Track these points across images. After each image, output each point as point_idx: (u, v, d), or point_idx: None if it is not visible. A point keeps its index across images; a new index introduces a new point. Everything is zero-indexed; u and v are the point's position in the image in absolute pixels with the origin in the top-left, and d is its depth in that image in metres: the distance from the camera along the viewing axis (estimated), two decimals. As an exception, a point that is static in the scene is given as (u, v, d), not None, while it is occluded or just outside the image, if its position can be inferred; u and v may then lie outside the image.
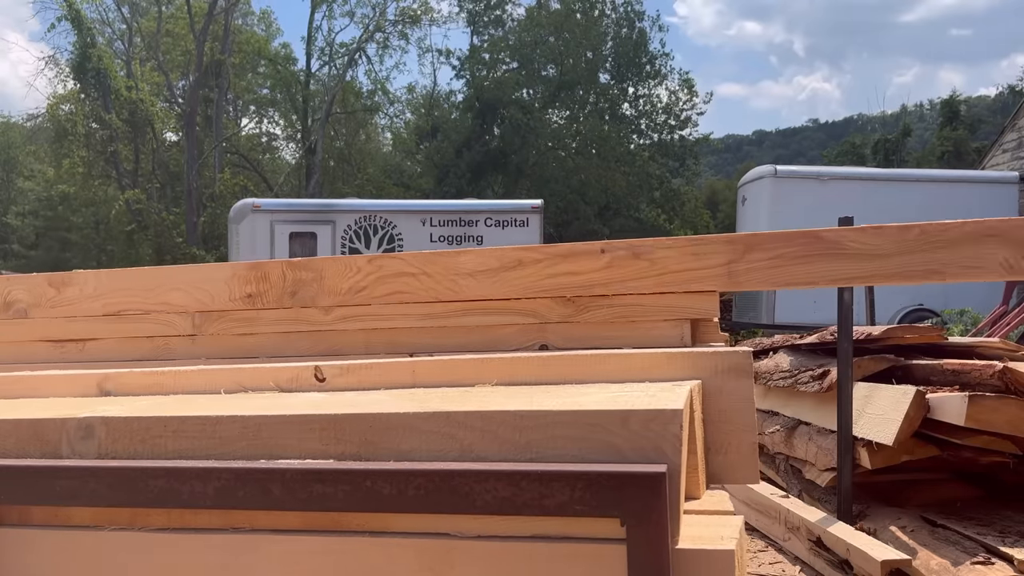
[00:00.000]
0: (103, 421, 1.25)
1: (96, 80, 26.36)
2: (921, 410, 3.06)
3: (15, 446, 1.27)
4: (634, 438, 1.05)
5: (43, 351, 2.33)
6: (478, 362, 1.48)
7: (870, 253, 1.79)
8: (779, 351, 4.53)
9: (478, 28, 29.98)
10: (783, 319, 12.90)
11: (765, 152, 65.63)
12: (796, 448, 3.91)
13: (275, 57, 30.64)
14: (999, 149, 16.22)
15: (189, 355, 2.22)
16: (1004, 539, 2.75)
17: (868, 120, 44.13)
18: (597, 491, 1.01)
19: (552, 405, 1.12)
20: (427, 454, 1.12)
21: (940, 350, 3.79)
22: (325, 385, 1.52)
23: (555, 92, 28.89)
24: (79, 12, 26.31)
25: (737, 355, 1.31)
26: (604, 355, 1.43)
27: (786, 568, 3.30)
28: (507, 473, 1.05)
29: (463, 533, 1.09)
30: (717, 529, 1.14)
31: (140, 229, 25.41)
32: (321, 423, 1.17)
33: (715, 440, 1.29)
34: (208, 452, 1.20)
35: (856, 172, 15.73)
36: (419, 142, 29.89)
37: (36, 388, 1.67)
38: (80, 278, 2.34)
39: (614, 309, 1.98)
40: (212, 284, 2.21)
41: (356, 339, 2.12)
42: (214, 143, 28.39)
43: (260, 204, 14.62)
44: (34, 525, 1.26)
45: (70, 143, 27.67)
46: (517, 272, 2.02)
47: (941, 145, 28.68)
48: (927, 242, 1.76)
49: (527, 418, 1.10)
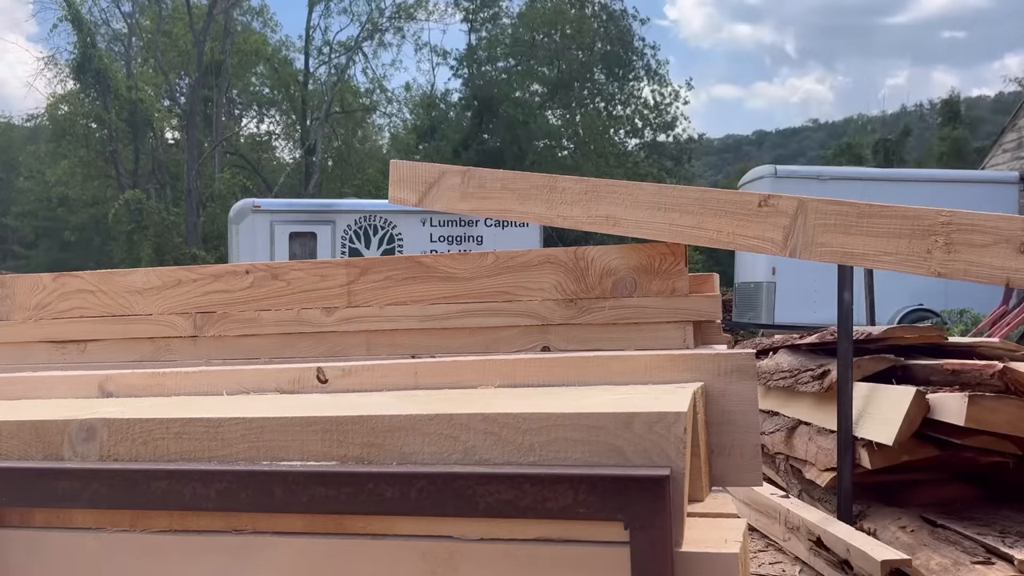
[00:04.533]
0: (105, 422, 1.25)
1: (96, 80, 26.36)
2: (921, 410, 3.06)
3: (17, 447, 1.27)
4: (637, 441, 1.05)
5: (44, 352, 2.33)
6: (480, 364, 1.48)
7: (458, 276, 2.10)
8: (779, 351, 4.53)
9: (475, 26, 30.01)
10: (783, 319, 12.92)
11: (765, 152, 65.67)
12: (796, 448, 3.91)
13: (273, 56, 30.61)
14: (999, 149, 16.22)
15: (190, 356, 2.22)
16: (1004, 539, 2.75)
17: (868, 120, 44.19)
18: (600, 494, 1.01)
19: (555, 407, 1.12)
20: (430, 456, 1.12)
21: (940, 350, 3.79)
22: (327, 387, 1.52)
23: (552, 90, 28.91)
24: (79, 13, 26.31)
25: (740, 357, 1.31)
26: (606, 357, 1.42)
27: (786, 568, 3.30)
28: (510, 476, 1.05)
29: (466, 536, 1.09)
30: (720, 532, 1.14)
31: (140, 229, 25.40)
32: (323, 425, 1.17)
33: (718, 442, 1.29)
34: (210, 454, 1.20)
35: (856, 172, 15.76)
36: (418, 142, 29.90)
37: (37, 389, 1.67)
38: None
39: (616, 311, 1.98)
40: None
41: (357, 340, 2.13)
42: (214, 143, 28.38)
43: (260, 204, 14.62)
44: (36, 527, 1.26)
45: (68, 143, 27.66)
46: (177, 290, 2.26)
47: (941, 145, 28.71)
48: (499, 267, 2.07)
49: (530, 420, 1.10)
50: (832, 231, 1.71)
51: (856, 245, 1.70)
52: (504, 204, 2.13)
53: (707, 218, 1.85)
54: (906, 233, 1.66)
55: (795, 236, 1.74)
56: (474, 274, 2.11)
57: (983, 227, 1.61)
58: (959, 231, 1.62)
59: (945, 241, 1.63)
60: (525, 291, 2.06)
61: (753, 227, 1.79)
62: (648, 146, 30.59)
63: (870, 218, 1.68)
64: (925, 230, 1.64)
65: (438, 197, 2.24)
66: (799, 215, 1.73)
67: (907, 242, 1.65)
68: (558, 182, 2.06)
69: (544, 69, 29.34)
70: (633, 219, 1.94)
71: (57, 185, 29.03)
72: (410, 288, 2.14)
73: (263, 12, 32.28)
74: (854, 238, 1.69)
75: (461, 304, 2.09)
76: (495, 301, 2.07)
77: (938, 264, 1.63)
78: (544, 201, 2.06)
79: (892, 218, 1.67)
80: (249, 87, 32.38)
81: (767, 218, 1.78)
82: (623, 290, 2.00)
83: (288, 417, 1.19)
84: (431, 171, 2.27)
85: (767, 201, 1.78)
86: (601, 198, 1.99)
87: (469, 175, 2.19)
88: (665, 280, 1.98)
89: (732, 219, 1.82)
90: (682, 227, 1.88)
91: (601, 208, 1.98)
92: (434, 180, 2.25)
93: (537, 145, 28.57)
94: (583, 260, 2.04)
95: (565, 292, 2.03)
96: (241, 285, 2.23)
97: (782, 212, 1.75)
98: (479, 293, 2.09)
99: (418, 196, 2.27)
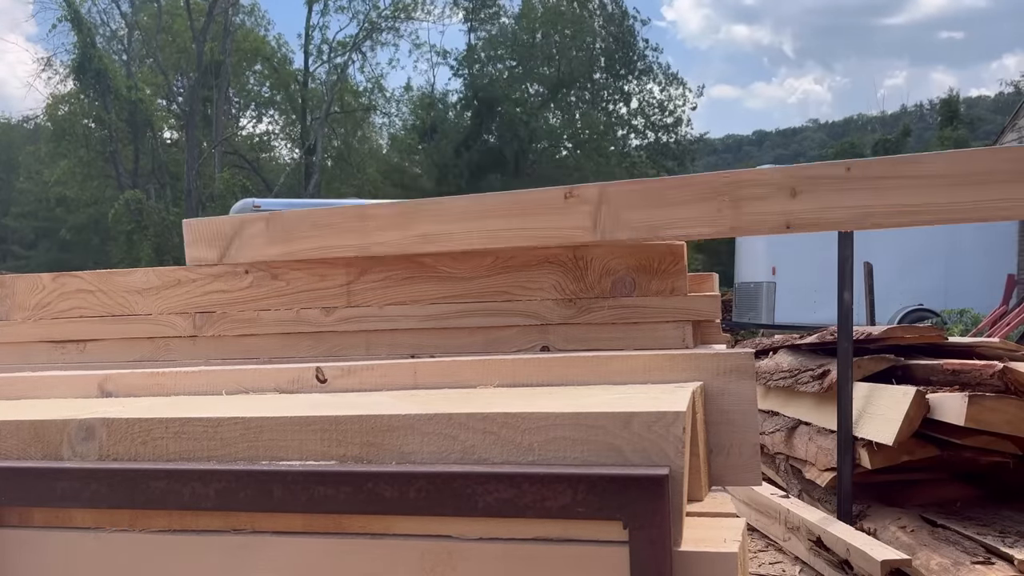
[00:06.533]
0: (104, 422, 1.24)
1: (96, 80, 26.36)
2: (921, 410, 3.06)
3: (16, 447, 1.27)
4: (636, 440, 1.05)
5: (44, 352, 2.33)
6: (480, 363, 1.48)
7: (457, 276, 2.09)
8: (779, 351, 4.54)
9: (474, 26, 30.02)
10: (783, 319, 12.93)
11: (765, 152, 65.68)
12: (796, 448, 3.91)
13: (272, 55, 30.60)
14: (999, 149, 16.19)
15: (190, 356, 2.23)
16: (1004, 539, 2.76)
17: (868, 120, 44.18)
18: (599, 494, 1.01)
19: (554, 407, 1.12)
20: (429, 456, 1.12)
21: (940, 350, 3.79)
22: (327, 386, 1.52)
23: (553, 90, 28.92)
24: (79, 13, 26.31)
25: (739, 356, 1.31)
26: (606, 356, 1.42)
27: (786, 568, 3.30)
28: (509, 475, 1.05)
29: (465, 535, 1.09)
30: (719, 532, 1.14)
31: (140, 229, 25.40)
32: (323, 424, 1.17)
33: (717, 442, 1.29)
34: (209, 453, 1.20)
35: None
36: (418, 141, 29.91)
37: (37, 389, 1.66)
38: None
39: (615, 311, 1.98)
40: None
41: (357, 340, 2.13)
42: (213, 143, 28.38)
43: (261, 204, 14.57)
44: (35, 527, 1.26)
45: (68, 143, 27.66)
46: (177, 290, 2.25)
47: (941, 145, 28.72)
48: (498, 267, 2.06)
49: (529, 420, 1.10)
50: (634, 209, 1.87)
51: (658, 217, 1.85)
52: (319, 242, 2.11)
53: (522, 219, 1.95)
54: (698, 198, 1.81)
55: (603, 220, 1.89)
56: (473, 274, 2.10)
57: (758, 180, 1.77)
58: (740, 187, 1.79)
59: (731, 199, 1.79)
60: (524, 291, 2.06)
61: (565, 219, 1.91)
62: (650, 146, 30.59)
63: (665, 191, 1.85)
64: (714, 192, 1.80)
65: (242, 248, 2.18)
66: (603, 201, 1.88)
67: (699, 206, 1.81)
68: (367, 210, 2.08)
69: (544, 69, 29.35)
70: (447, 232, 2.01)
71: (56, 185, 29.03)
72: (409, 288, 2.14)
73: (254, 11, 32.20)
74: (654, 211, 1.85)
75: (460, 304, 2.09)
76: (494, 301, 2.07)
77: (729, 220, 1.79)
78: (358, 232, 2.06)
79: (684, 187, 1.84)
80: (246, 86, 32.35)
81: (575, 208, 1.90)
82: (622, 290, 2.00)
83: (287, 417, 1.19)
84: (229, 224, 2.20)
85: (572, 193, 1.91)
86: (412, 218, 2.03)
87: (273, 221, 2.15)
88: (664, 280, 1.98)
89: (544, 215, 1.93)
90: (499, 230, 1.97)
91: (416, 227, 2.03)
92: (234, 233, 2.19)
93: (537, 145, 28.57)
94: (582, 260, 2.04)
95: (564, 292, 2.04)
96: (240, 285, 2.23)
97: (587, 200, 1.90)
98: (478, 293, 2.09)
99: (219, 252, 2.20)
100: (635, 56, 29.70)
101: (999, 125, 18.56)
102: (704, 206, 1.80)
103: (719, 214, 1.79)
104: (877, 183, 1.71)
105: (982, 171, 1.68)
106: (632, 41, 29.63)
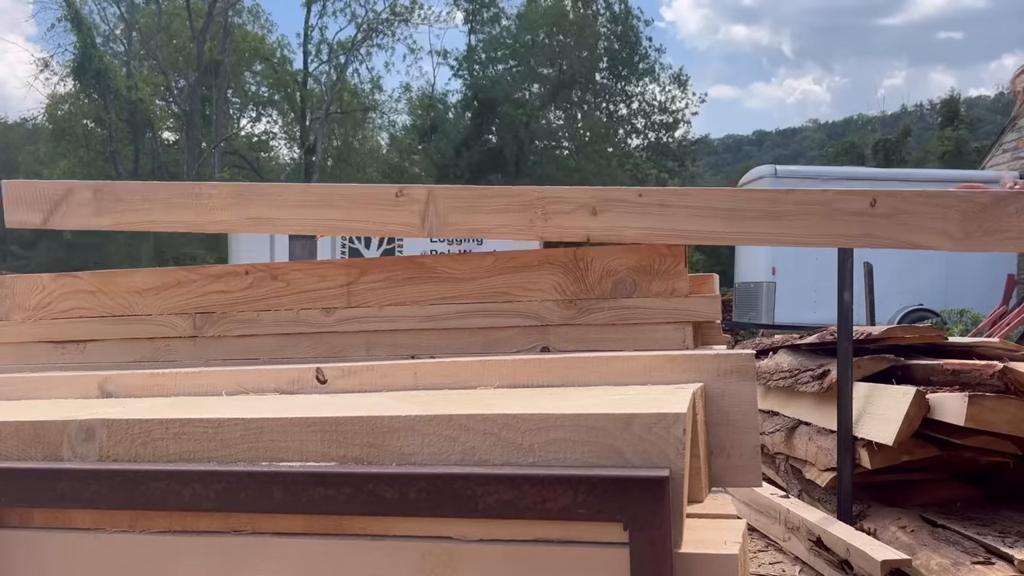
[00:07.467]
0: (104, 423, 1.24)
1: (96, 80, 26.35)
2: (921, 410, 3.06)
3: (16, 448, 1.27)
4: (637, 442, 1.05)
5: (44, 352, 2.33)
6: (480, 364, 1.48)
7: (457, 277, 2.15)
8: (779, 351, 4.54)
9: (475, 27, 30.00)
10: (783, 319, 12.93)
11: (765, 152, 65.62)
12: (796, 448, 3.91)
13: (271, 55, 30.59)
14: (999, 149, 16.21)
15: (190, 356, 2.22)
16: (1004, 539, 2.76)
17: (868, 120, 44.18)
18: (600, 495, 1.01)
19: (554, 408, 1.12)
20: (429, 457, 1.12)
21: (940, 350, 3.79)
22: (327, 387, 1.52)
23: (554, 91, 28.91)
24: (79, 12, 26.29)
25: (740, 358, 1.31)
26: (606, 357, 1.42)
27: (786, 568, 3.30)
28: (509, 477, 1.05)
29: (465, 537, 1.09)
30: (720, 533, 1.14)
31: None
32: (323, 425, 1.17)
33: (718, 443, 1.29)
34: (210, 454, 1.20)
35: (856, 172, 15.76)
36: (418, 141, 29.91)
37: (37, 389, 1.66)
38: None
39: (616, 312, 1.98)
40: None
41: (357, 341, 2.13)
42: (213, 143, 28.38)
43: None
44: (35, 527, 1.25)
45: (68, 143, 27.64)
46: (177, 290, 2.28)
47: (941, 145, 28.70)
48: (498, 268, 2.13)
49: (529, 421, 1.10)
50: (458, 212, 2.00)
51: (478, 222, 2.00)
52: (148, 216, 2.10)
53: (354, 211, 2.03)
54: (513, 208, 1.98)
55: (430, 219, 2.00)
56: (474, 275, 2.12)
57: (565, 198, 1.96)
58: (550, 203, 1.97)
59: (543, 212, 1.97)
60: (525, 292, 2.07)
61: (395, 215, 2.01)
62: (651, 147, 30.57)
63: (485, 198, 2.00)
64: (527, 204, 1.97)
65: (68, 215, 2.15)
66: (431, 201, 2.00)
67: (515, 215, 1.98)
68: (204, 189, 2.10)
69: (545, 69, 29.34)
70: (283, 218, 2.07)
71: (56, 185, 28.92)
72: (410, 289, 2.15)
73: (258, 14, 32.22)
74: (475, 216, 1.99)
75: (460, 305, 2.10)
76: (495, 302, 2.08)
77: (539, 230, 1.97)
78: (192, 208, 2.08)
79: (501, 197, 2.00)
80: (245, 86, 32.33)
81: (405, 206, 2.01)
82: (623, 291, 2.00)
83: (287, 418, 1.19)
84: (56, 188, 2.17)
85: (403, 192, 2.03)
86: (250, 202, 2.07)
87: (103, 189, 2.13)
88: (665, 281, 1.98)
89: (376, 210, 2.02)
90: (333, 221, 2.05)
91: (252, 211, 2.07)
92: (60, 198, 2.15)
93: (538, 145, 28.57)
94: (583, 261, 2.04)
95: (565, 293, 2.05)
96: (241, 285, 2.24)
97: (416, 200, 2.01)
98: (479, 294, 2.10)
99: (42, 216, 2.16)
100: (638, 57, 29.69)
101: (999, 125, 18.57)
102: (519, 216, 1.98)
103: (531, 224, 1.97)
104: (661, 209, 1.94)
105: (736, 208, 1.92)
106: (636, 41, 29.60)
